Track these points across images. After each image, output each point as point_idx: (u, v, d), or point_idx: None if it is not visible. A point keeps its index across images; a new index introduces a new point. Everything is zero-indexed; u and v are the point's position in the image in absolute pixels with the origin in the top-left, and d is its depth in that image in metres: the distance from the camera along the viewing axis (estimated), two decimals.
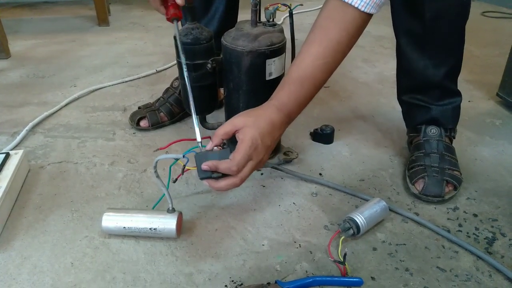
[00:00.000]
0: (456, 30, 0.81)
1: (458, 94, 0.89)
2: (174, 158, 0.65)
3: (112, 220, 0.69)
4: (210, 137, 0.66)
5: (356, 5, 0.62)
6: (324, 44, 0.64)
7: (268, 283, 0.62)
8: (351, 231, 0.70)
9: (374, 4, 0.62)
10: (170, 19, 0.73)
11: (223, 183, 0.60)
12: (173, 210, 0.70)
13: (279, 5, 0.78)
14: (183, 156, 0.63)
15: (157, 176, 0.68)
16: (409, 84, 0.90)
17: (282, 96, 0.65)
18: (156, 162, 0.67)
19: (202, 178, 0.60)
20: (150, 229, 0.69)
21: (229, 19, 0.98)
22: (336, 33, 0.64)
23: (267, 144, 0.63)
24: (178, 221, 0.69)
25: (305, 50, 0.65)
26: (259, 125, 0.62)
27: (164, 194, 0.71)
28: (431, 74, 0.84)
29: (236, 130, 0.62)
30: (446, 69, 0.84)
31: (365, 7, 0.62)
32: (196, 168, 0.61)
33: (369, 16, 0.64)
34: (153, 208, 0.77)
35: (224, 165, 0.59)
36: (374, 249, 0.69)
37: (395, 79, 0.94)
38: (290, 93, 0.65)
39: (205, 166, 0.59)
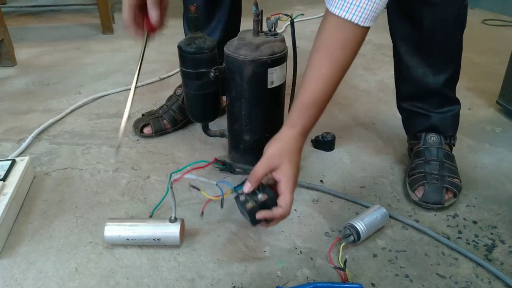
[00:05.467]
0: (454, 39, 0.82)
1: (457, 101, 0.90)
2: (200, 182, 0.66)
3: (114, 232, 0.70)
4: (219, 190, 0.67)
5: (355, 21, 0.62)
6: (332, 65, 0.65)
7: None
8: (351, 238, 0.71)
9: (372, 18, 0.63)
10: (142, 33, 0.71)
11: (276, 221, 0.64)
12: (175, 219, 0.71)
13: (281, 15, 0.80)
14: (216, 184, 0.66)
15: (172, 195, 0.68)
16: (408, 91, 0.91)
17: (306, 123, 0.67)
18: (171, 177, 0.67)
19: (255, 224, 0.63)
20: (153, 239, 0.70)
21: (232, 29, 1.00)
22: (341, 52, 0.65)
23: (299, 169, 0.67)
24: (181, 230, 0.70)
25: (316, 72, 0.66)
26: (292, 160, 0.64)
27: (163, 198, 0.72)
28: (431, 82, 0.85)
29: (272, 170, 0.64)
30: (445, 77, 0.85)
31: (364, 22, 0.63)
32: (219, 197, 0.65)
33: (367, 29, 0.66)
34: (152, 212, 0.79)
35: (279, 214, 0.62)
36: (374, 255, 0.70)
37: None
38: (310, 117, 0.67)
39: (260, 216, 0.62)
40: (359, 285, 0.62)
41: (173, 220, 0.70)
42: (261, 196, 0.63)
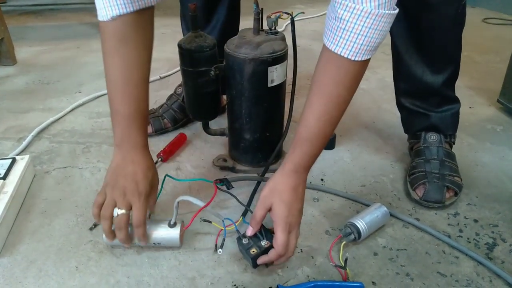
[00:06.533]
0: (452, 39, 0.82)
1: (457, 100, 0.90)
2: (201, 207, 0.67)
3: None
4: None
5: (345, 55, 0.57)
6: (324, 101, 0.62)
7: None
8: (352, 236, 0.70)
9: (364, 52, 0.57)
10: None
11: (281, 262, 0.65)
12: (175, 224, 0.69)
13: (281, 13, 0.79)
14: (223, 220, 0.69)
15: (176, 208, 0.68)
16: (407, 89, 0.91)
17: (296, 158, 0.65)
18: (178, 202, 0.68)
19: (256, 267, 0.66)
20: (154, 243, 0.69)
21: (230, 30, 0.99)
22: (333, 88, 0.61)
23: (297, 207, 0.65)
24: (181, 233, 0.70)
25: (308, 108, 0.64)
26: (284, 199, 0.64)
27: (158, 195, 0.74)
28: (430, 81, 0.85)
29: (268, 210, 0.65)
30: (445, 77, 0.84)
31: (355, 56, 0.57)
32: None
33: (363, 62, 0.60)
34: None
35: (273, 255, 0.63)
36: (375, 254, 0.70)
37: None
38: (302, 153, 0.65)
39: (260, 262, 0.64)
40: (359, 284, 0.62)
41: (172, 225, 0.69)
42: (264, 243, 0.65)
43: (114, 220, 0.65)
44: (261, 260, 0.64)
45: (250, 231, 0.66)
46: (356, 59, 0.58)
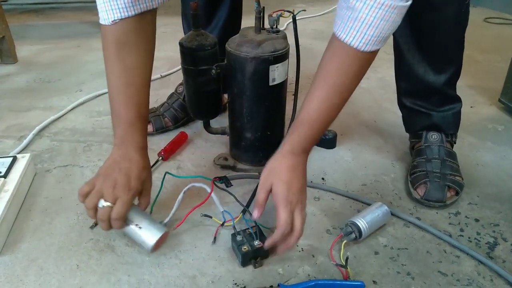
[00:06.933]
0: (455, 39, 0.81)
1: (458, 99, 0.90)
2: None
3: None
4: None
5: (355, 46, 0.58)
6: (327, 89, 0.63)
7: (271, 286, 0.62)
8: (353, 235, 0.70)
9: (374, 42, 0.58)
10: None
11: (290, 244, 0.64)
12: (164, 226, 0.70)
13: (283, 11, 0.79)
14: (222, 212, 0.70)
15: (179, 201, 0.71)
16: (409, 89, 0.91)
17: (294, 140, 0.66)
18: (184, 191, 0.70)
19: (244, 266, 0.67)
20: (136, 225, 0.67)
21: (232, 29, 0.99)
22: (337, 77, 0.62)
23: (298, 186, 0.65)
24: (161, 238, 0.67)
25: (311, 93, 0.64)
26: (282, 178, 0.64)
27: (158, 194, 0.75)
28: (432, 81, 0.85)
29: (269, 192, 0.65)
30: (447, 76, 0.84)
31: (365, 46, 0.58)
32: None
33: (371, 53, 0.60)
34: (152, 208, 0.77)
35: (277, 235, 0.62)
36: (376, 253, 0.70)
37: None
38: (300, 135, 0.66)
39: (267, 244, 0.65)
40: (360, 283, 0.62)
41: (163, 224, 0.70)
42: (257, 243, 0.66)
43: (98, 211, 0.64)
44: (267, 242, 0.64)
45: (255, 214, 0.66)
46: (365, 49, 0.59)
